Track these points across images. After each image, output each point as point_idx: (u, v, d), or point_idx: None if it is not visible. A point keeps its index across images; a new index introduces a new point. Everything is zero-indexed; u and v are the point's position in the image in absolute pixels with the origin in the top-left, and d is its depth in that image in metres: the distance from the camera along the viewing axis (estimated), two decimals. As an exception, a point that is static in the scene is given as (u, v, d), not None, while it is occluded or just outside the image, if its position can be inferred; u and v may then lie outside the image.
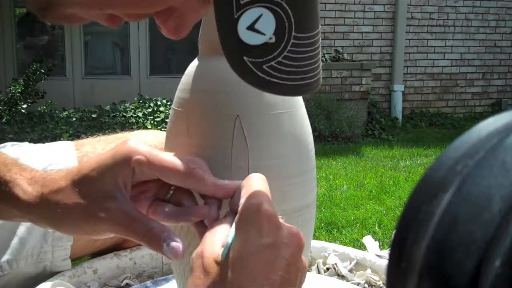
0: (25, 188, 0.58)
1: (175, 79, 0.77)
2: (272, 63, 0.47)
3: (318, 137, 4.93)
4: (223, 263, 0.48)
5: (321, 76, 0.52)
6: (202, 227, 0.56)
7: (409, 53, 6.23)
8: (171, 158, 0.56)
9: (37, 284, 0.79)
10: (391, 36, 6.06)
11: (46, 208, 0.57)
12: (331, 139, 5.11)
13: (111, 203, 0.55)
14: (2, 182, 0.59)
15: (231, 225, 0.52)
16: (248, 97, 0.61)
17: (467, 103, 6.57)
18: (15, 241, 0.83)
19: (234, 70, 0.48)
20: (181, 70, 0.67)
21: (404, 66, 6.20)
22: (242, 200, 0.52)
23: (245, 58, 0.47)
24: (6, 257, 0.83)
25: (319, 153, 4.20)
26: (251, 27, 0.46)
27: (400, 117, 6.04)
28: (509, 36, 6.60)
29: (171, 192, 0.58)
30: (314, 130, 0.67)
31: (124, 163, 0.56)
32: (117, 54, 6.25)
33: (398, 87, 6.10)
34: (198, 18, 0.48)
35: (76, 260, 0.92)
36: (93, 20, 0.48)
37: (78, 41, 5.79)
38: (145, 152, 0.56)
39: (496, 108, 6.59)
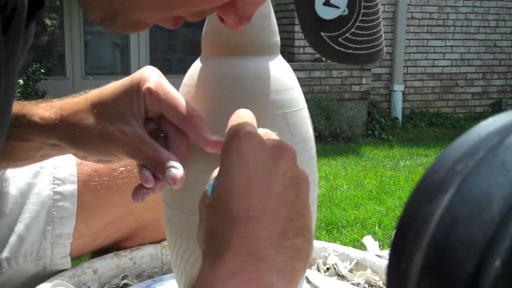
0: (42, 114, 0.61)
1: (175, 79, 0.76)
2: (347, 34, 0.52)
3: (318, 137, 4.92)
4: (209, 202, 0.45)
5: (384, 44, 0.56)
6: None
7: (409, 53, 6.22)
8: (176, 95, 0.58)
9: (37, 282, 0.79)
10: (391, 36, 6.06)
11: (66, 128, 0.60)
12: (331, 139, 5.11)
13: (126, 126, 0.58)
14: (20, 115, 0.62)
15: None
16: (250, 98, 0.61)
17: (467, 103, 6.57)
18: (13, 238, 0.83)
19: (312, 47, 0.53)
20: (181, 70, 0.67)
21: (404, 66, 6.19)
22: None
23: (322, 33, 0.52)
24: (4, 254, 0.82)
25: (319, 153, 4.18)
26: (327, 2, 0.51)
27: (400, 117, 6.04)
28: (509, 36, 6.60)
29: (162, 135, 0.60)
30: (314, 130, 0.67)
31: (138, 89, 0.58)
32: (117, 54, 6.24)
33: (398, 87, 6.10)
34: (260, 4, 0.48)
35: (76, 259, 0.92)
36: (157, 24, 0.49)
37: (78, 41, 5.79)
38: (155, 81, 0.58)
39: (496, 108, 6.59)
